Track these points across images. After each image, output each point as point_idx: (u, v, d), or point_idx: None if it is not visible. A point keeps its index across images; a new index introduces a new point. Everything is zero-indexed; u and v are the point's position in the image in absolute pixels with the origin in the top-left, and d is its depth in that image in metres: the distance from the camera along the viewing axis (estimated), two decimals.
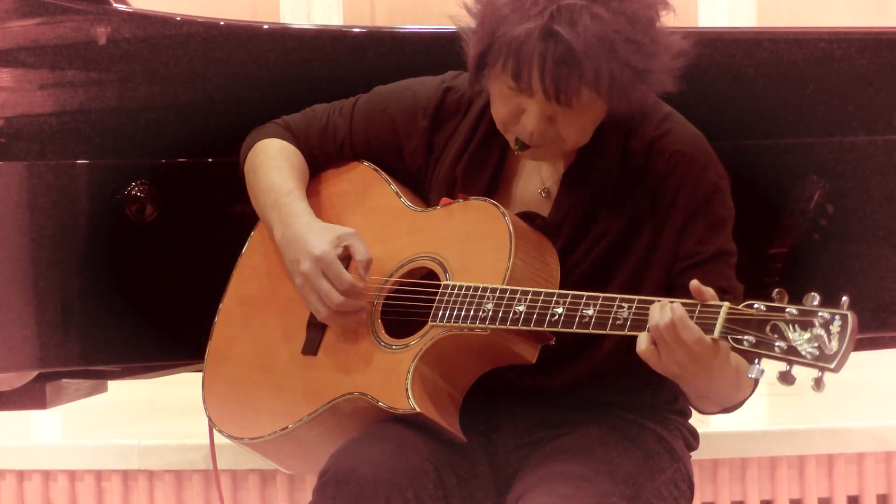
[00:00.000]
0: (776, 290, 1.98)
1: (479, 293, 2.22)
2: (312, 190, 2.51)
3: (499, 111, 2.25)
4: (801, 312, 1.94)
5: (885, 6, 6.51)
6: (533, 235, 2.30)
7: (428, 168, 2.44)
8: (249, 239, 2.57)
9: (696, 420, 2.50)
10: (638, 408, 2.39)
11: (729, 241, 2.31)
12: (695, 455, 2.50)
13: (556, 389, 2.35)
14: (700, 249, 2.28)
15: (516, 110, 2.22)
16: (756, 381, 2.26)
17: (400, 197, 2.43)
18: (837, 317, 1.92)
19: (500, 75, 2.20)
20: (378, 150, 2.49)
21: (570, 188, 2.32)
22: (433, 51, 2.68)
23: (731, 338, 1.99)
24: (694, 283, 2.05)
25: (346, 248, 2.34)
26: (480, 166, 2.38)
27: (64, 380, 2.93)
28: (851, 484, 3.71)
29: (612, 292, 2.18)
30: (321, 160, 2.54)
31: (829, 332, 1.92)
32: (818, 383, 1.93)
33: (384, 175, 2.47)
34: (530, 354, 2.25)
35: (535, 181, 2.37)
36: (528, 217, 2.34)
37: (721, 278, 2.26)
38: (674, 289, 2.27)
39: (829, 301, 1.95)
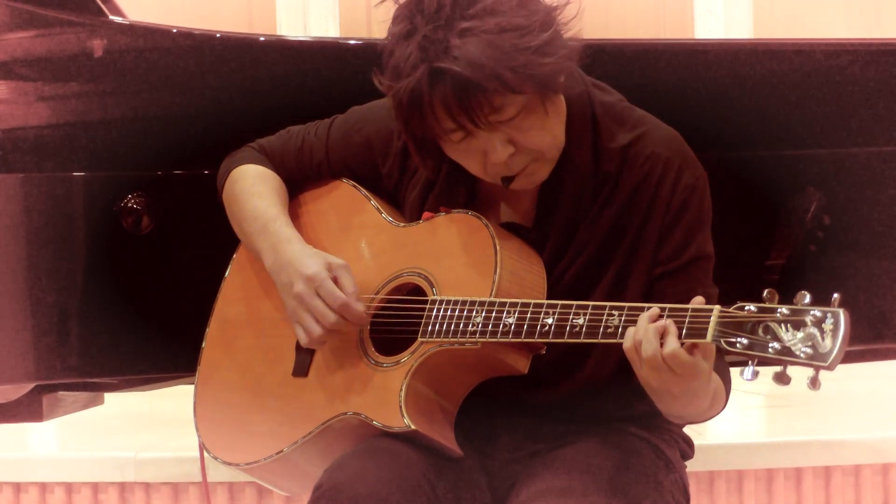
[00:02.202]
0: (766, 290, 1.97)
1: (467, 307, 2.21)
2: (294, 210, 2.50)
3: (469, 166, 2.23)
4: (793, 312, 1.92)
5: (880, 17, 6.52)
6: (517, 245, 2.29)
7: (401, 187, 2.43)
8: (231, 263, 2.56)
9: (693, 432, 2.49)
10: (632, 418, 2.39)
11: (707, 242, 2.30)
12: (691, 467, 2.49)
13: (549, 403, 2.34)
14: (677, 255, 2.26)
15: (480, 155, 2.20)
16: (728, 397, 2.26)
17: (381, 213, 2.42)
18: (830, 314, 1.91)
19: (439, 136, 2.18)
20: (356, 170, 2.47)
21: (549, 202, 2.31)
22: None
23: (724, 341, 1.97)
24: (696, 298, 2.04)
25: (335, 279, 2.32)
26: (454, 192, 2.35)
27: (60, 392, 2.93)
28: (849, 496, 3.71)
29: (596, 299, 2.18)
30: (298, 181, 2.53)
31: (822, 331, 1.91)
32: (814, 382, 1.92)
33: (364, 192, 2.45)
34: (522, 365, 2.24)
35: (511, 199, 2.35)
36: (512, 228, 2.33)
37: (698, 285, 2.25)
38: (652, 294, 2.27)
39: (823, 303, 1.94)
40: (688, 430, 2.48)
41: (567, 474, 2.24)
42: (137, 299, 2.71)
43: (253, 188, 2.48)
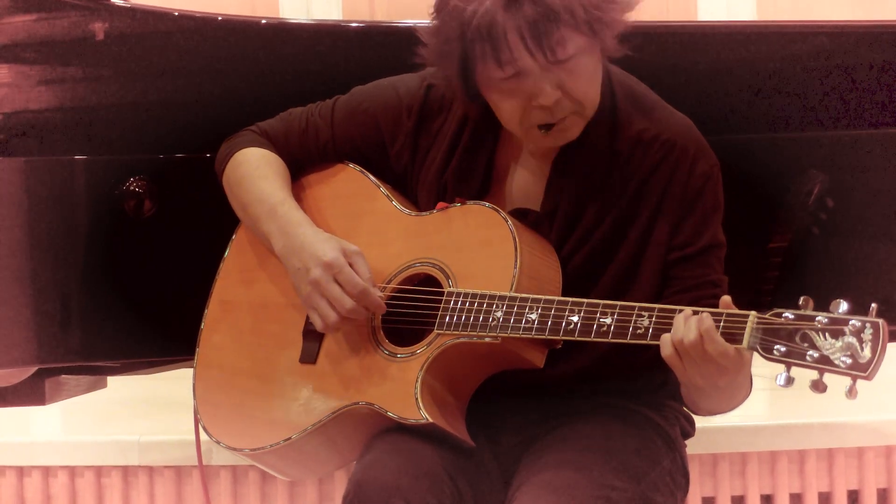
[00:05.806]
0: (802, 297, 1.95)
1: (486, 300, 2.20)
2: (298, 194, 2.47)
3: (508, 110, 2.22)
4: (832, 321, 1.93)
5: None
6: (534, 239, 2.29)
7: (413, 168, 2.42)
8: (230, 244, 2.55)
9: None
10: (634, 393, 2.39)
11: (719, 231, 2.31)
12: (694, 450, 2.49)
13: (554, 382, 2.34)
14: (692, 241, 2.27)
15: (525, 100, 2.19)
16: (751, 383, 2.26)
17: (391, 200, 2.40)
18: (868, 324, 1.91)
19: (489, 73, 2.17)
20: (363, 150, 2.46)
21: (560, 176, 2.31)
22: None
23: (761, 347, 1.98)
24: (725, 299, 2.04)
25: (351, 265, 2.31)
26: (471, 168, 2.36)
27: (63, 375, 2.93)
28: (852, 478, 3.70)
29: (605, 284, 2.21)
30: (302, 163, 2.51)
31: (860, 340, 1.91)
32: (851, 391, 1.92)
33: (372, 178, 2.44)
34: (538, 360, 2.24)
35: (526, 175, 2.35)
36: (521, 213, 2.33)
37: (711, 271, 2.27)
38: (665, 279, 2.27)
39: (856, 306, 1.94)
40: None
41: (568, 450, 2.26)
42: (139, 283, 2.71)
43: (257, 171, 2.47)
